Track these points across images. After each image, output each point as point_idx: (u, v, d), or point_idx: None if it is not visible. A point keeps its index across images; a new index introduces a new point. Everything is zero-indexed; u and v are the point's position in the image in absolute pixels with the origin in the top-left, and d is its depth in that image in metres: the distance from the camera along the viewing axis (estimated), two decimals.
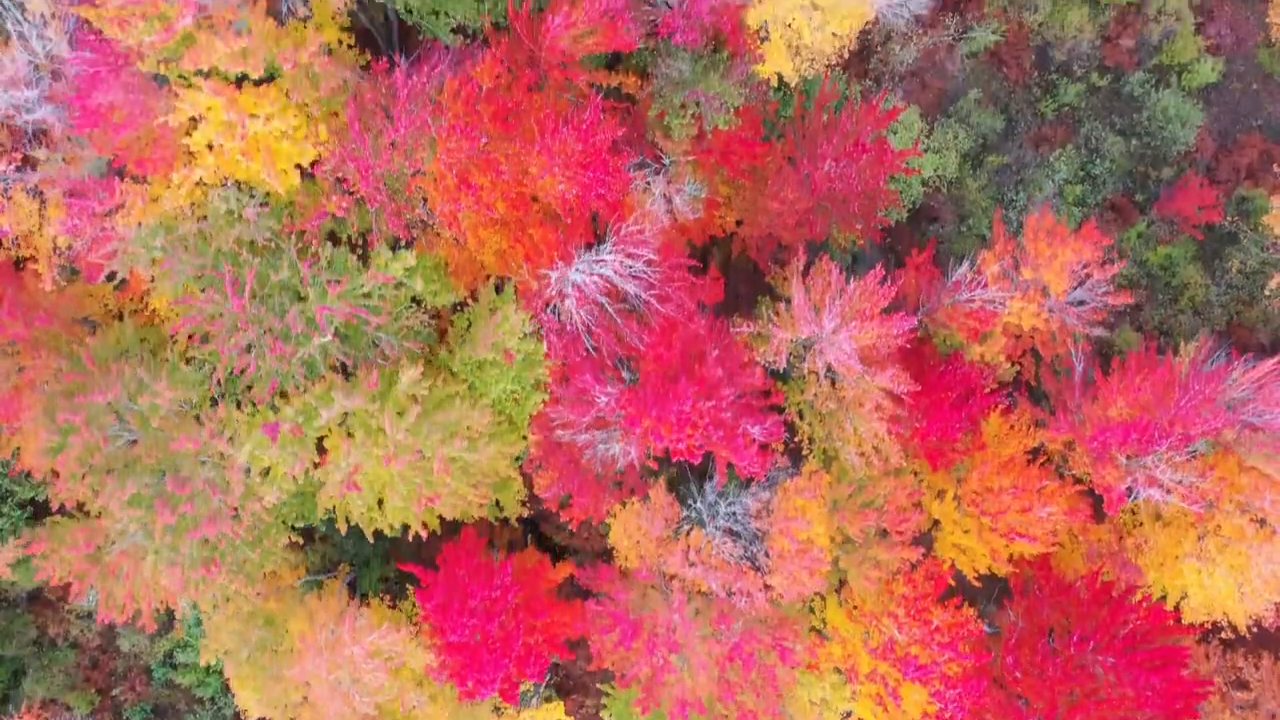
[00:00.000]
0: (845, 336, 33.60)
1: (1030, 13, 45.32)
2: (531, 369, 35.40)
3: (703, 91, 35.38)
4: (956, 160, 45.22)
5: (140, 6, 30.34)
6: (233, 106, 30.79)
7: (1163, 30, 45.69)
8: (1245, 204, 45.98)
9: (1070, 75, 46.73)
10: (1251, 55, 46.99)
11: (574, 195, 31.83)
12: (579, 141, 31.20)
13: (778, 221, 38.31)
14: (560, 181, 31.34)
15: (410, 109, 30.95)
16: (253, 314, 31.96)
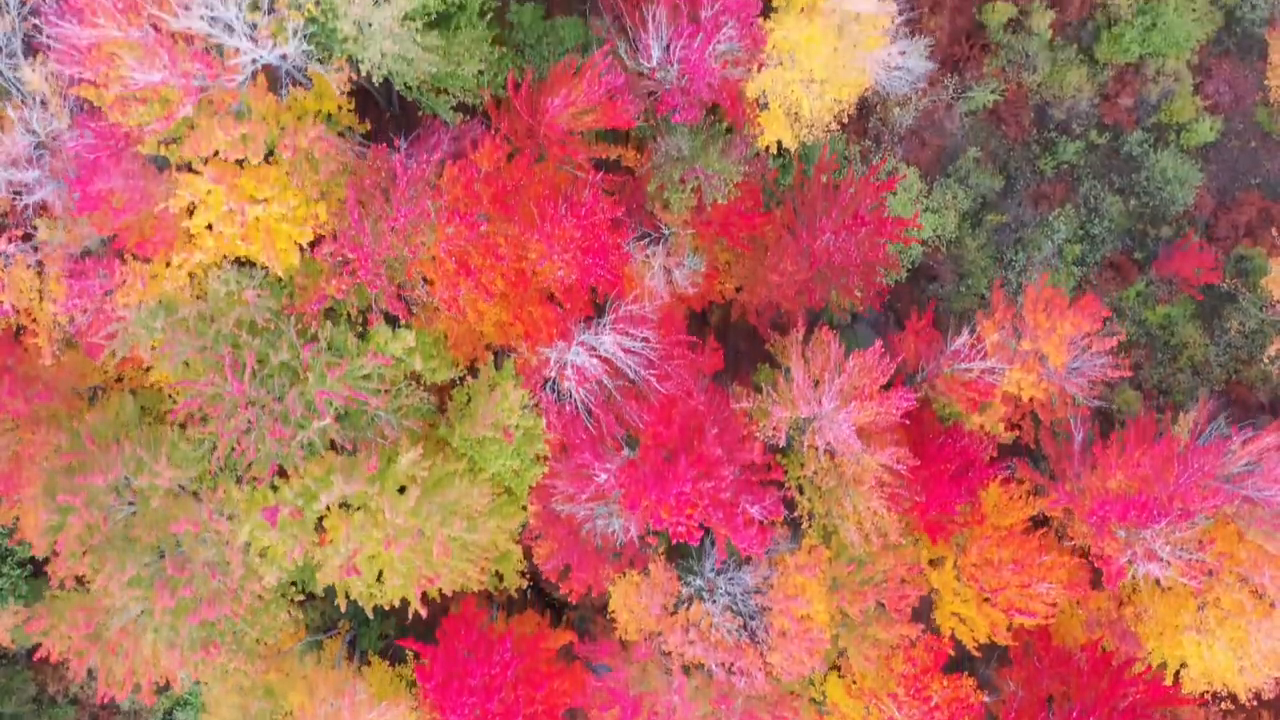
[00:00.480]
0: (844, 417, 33.63)
1: (1029, 73, 45.42)
2: (531, 443, 35.39)
3: (702, 169, 35.46)
4: (955, 219, 45.29)
5: (141, 90, 30.42)
6: (233, 193, 30.82)
7: (1161, 90, 45.79)
8: (1244, 263, 46.03)
9: (1069, 133, 46.82)
10: (1250, 113, 47.08)
11: (574, 279, 31.88)
12: (578, 228, 31.26)
13: (777, 291, 38.36)
14: (560, 268, 31.38)
15: (409, 196, 30.99)
16: (252, 396, 31.99)
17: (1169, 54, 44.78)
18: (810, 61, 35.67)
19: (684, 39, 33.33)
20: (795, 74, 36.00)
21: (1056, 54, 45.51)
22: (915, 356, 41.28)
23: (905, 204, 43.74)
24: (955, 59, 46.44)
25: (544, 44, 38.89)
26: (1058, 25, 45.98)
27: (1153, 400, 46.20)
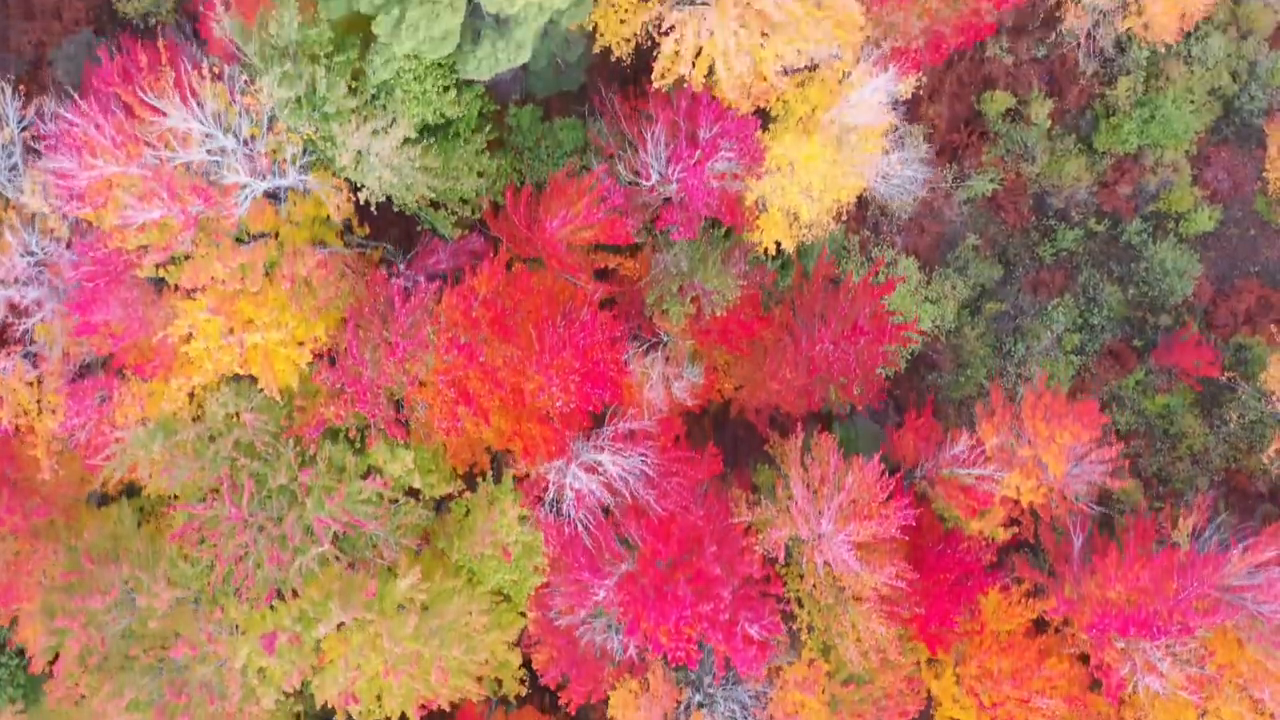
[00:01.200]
0: (843, 539, 33.60)
1: (1028, 163, 45.43)
2: (530, 556, 35.37)
3: (700, 283, 35.46)
4: (954, 308, 45.28)
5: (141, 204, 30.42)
6: (231, 321, 30.81)
7: (1160, 181, 45.82)
8: (1243, 352, 46.02)
9: (1068, 220, 46.84)
10: (1248, 201, 47.08)
11: (572, 407, 31.88)
12: (577, 357, 31.25)
13: (776, 396, 38.36)
14: (558, 398, 31.37)
15: (408, 326, 30.98)
16: (250, 519, 31.97)
17: (1167, 145, 44.80)
18: (809, 174, 35.68)
19: (683, 161, 33.34)
20: (794, 184, 36.00)
21: (1055, 143, 45.53)
22: (914, 452, 41.27)
23: (904, 297, 43.73)
24: (954, 146, 46.47)
25: (542, 147, 38.87)
26: (1056, 113, 46.01)
27: (1152, 489, 46.15)
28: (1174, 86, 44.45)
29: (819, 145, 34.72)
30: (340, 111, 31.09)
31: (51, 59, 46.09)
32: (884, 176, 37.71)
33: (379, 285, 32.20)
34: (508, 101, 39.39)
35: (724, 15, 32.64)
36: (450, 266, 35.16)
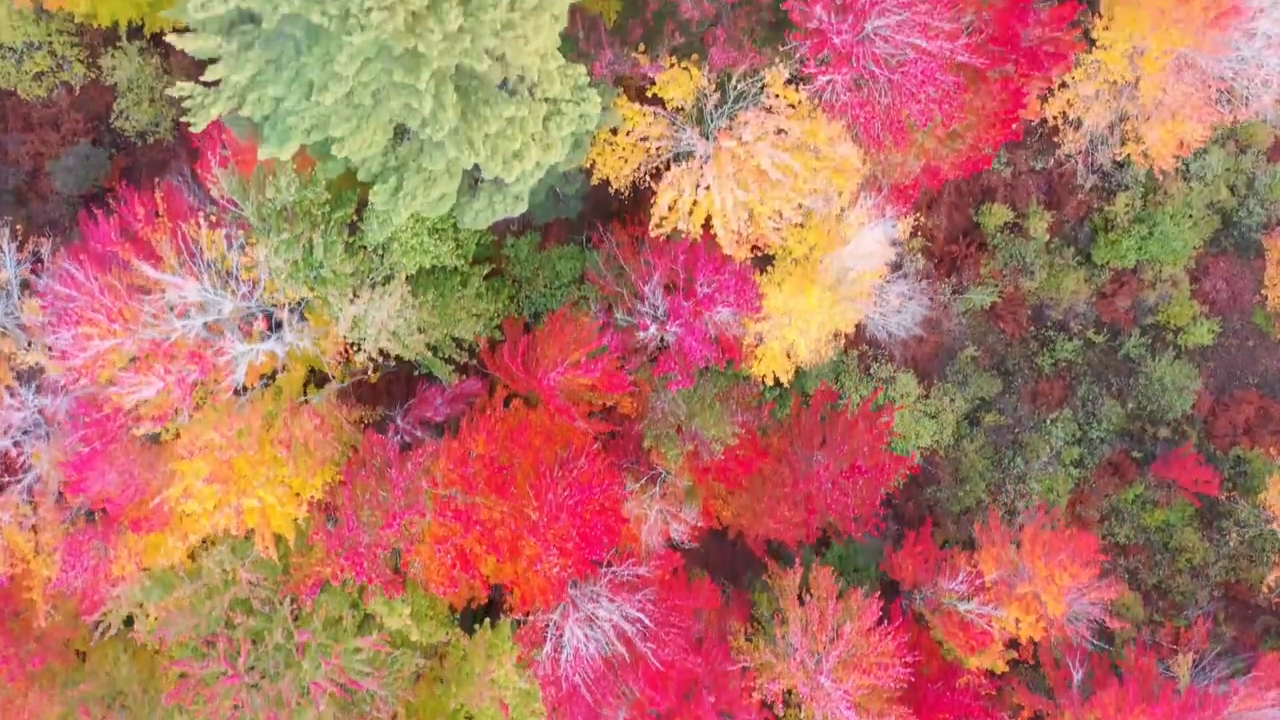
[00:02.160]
0: (842, 696, 33.50)
1: (1026, 278, 45.38)
2: (528, 703, 35.22)
3: (698, 429, 35.38)
4: (953, 422, 45.21)
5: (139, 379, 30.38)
6: (226, 489, 30.75)
7: (1158, 295, 45.79)
8: (1242, 465, 45.96)
9: (1067, 331, 46.78)
10: (1248, 311, 47.04)
11: (570, 572, 31.79)
12: (574, 523, 31.16)
13: (775, 532, 38.27)
14: (556, 566, 31.28)
15: (405, 494, 30.90)
16: (246, 679, 31.86)
17: (1166, 261, 44.76)
18: (807, 317, 35.66)
19: (681, 317, 33.30)
20: (792, 325, 35.97)
21: (1053, 256, 45.49)
22: (913, 575, 41.20)
23: (903, 413, 43.68)
24: (952, 257, 46.43)
25: (540, 278, 38.85)
26: (1055, 225, 45.98)
27: (1152, 602, 46.07)
28: (1172, 202, 44.43)
29: (816, 298, 34.70)
30: (338, 275, 31.06)
31: (49, 170, 46.10)
32: (882, 314, 37.64)
33: (376, 446, 32.10)
34: (505, 231, 39.40)
35: (721, 172, 32.66)
36: (448, 414, 35.10)
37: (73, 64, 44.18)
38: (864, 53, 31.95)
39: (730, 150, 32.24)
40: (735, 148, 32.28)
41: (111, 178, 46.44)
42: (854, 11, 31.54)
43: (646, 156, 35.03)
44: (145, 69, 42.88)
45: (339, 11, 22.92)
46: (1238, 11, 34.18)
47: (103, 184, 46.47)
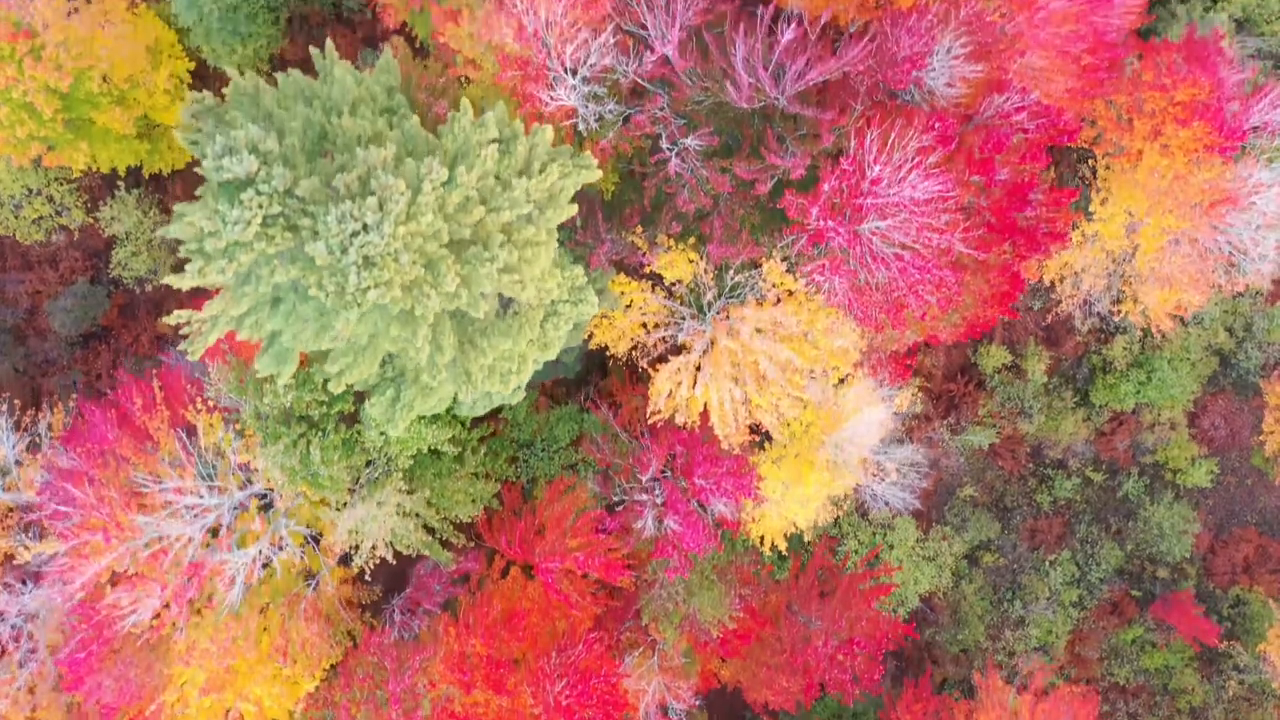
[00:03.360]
0: None
1: (1024, 420, 45.35)
2: None
3: (696, 609, 35.33)
4: (952, 564, 45.15)
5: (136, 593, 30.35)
6: (222, 697, 30.69)
7: (1156, 438, 45.77)
8: (1241, 605, 45.89)
9: (1066, 469, 46.75)
10: (1246, 449, 47.01)
11: None
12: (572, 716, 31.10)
13: (773, 702, 38.19)
14: None
15: (403, 703, 30.81)
16: None
17: (1164, 405, 44.76)
18: (805, 492, 35.64)
19: (679, 513, 33.26)
20: (791, 504, 35.94)
21: (1052, 398, 45.48)
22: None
23: (904, 550, 43.63)
24: (951, 394, 46.41)
25: (538, 441, 38.81)
26: (1053, 364, 45.99)
27: None
28: (1170, 346, 44.44)
29: (815, 481, 34.67)
30: (335, 481, 31.03)
31: (48, 310, 46.11)
32: (881, 485, 37.62)
33: (374, 648, 32.02)
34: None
35: (718, 370, 32.66)
36: (444, 598, 35.06)
37: (71, 210, 44.23)
38: (861, 249, 31.96)
39: (727, 348, 32.24)
40: (732, 345, 32.28)
41: (110, 316, 46.49)
42: (851, 213, 31.55)
43: (644, 332, 35.09)
44: (144, 221, 42.91)
45: (335, 288, 22.91)
46: (1233, 200, 34.22)
47: (101, 322, 46.53)
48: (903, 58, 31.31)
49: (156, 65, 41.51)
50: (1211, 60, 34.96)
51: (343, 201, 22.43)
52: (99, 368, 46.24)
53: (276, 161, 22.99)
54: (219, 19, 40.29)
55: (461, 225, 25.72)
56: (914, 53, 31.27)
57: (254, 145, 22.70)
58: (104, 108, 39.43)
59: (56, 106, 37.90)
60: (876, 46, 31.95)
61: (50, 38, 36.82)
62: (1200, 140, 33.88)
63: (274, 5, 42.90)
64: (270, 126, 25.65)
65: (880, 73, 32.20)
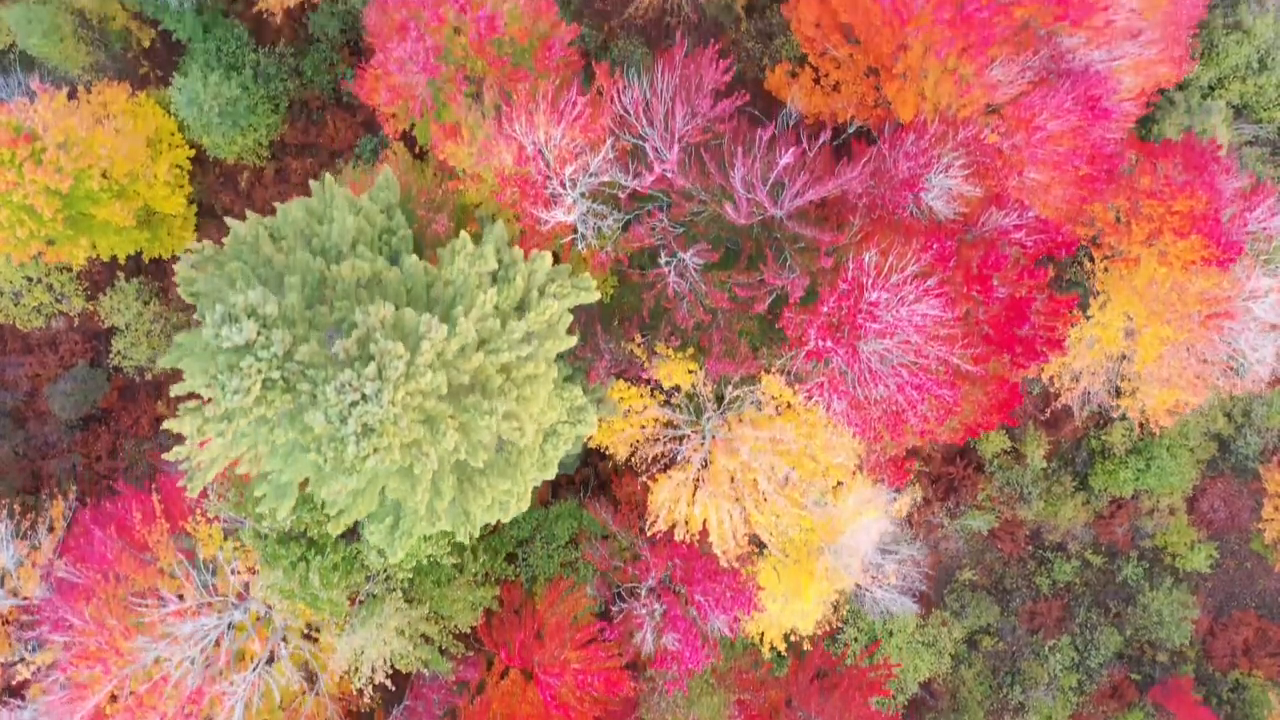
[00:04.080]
0: None
1: (1023, 506, 45.39)
2: None
3: (696, 718, 35.32)
4: (951, 649, 45.15)
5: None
6: None
7: (1155, 523, 45.80)
8: (1241, 690, 45.88)
9: (1065, 552, 46.78)
10: (1245, 532, 47.04)
11: None
12: None
13: None
14: None
15: None
16: None
17: (1163, 492, 44.79)
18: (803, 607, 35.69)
19: (678, 632, 33.28)
20: (790, 613, 35.98)
21: (1051, 483, 45.51)
22: None
23: (903, 638, 43.65)
24: (950, 478, 46.42)
25: (537, 539, 38.84)
26: (1052, 447, 46.02)
27: None
28: (1169, 433, 44.47)
29: (814, 592, 34.71)
30: (335, 604, 31.05)
31: (48, 394, 46.15)
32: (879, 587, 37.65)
33: None
34: None
35: (717, 489, 32.70)
36: (444, 708, 35.06)
37: (71, 298, 44.29)
38: (860, 367, 32.01)
39: (726, 467, 32.28)
40: (731, 464, 32.31)
41: (109, 399, 46.53)
42: (850, 331, 31.59)
43: (643, 435, 35.13)
44: (144, 313, 42.96)
45: (334, 454, 22.94)
46: (1231, 315, 34.27)
47: (101, 405, 46.56)
48: (900, 180, 31.38)
49: (156, 156, 41.65)
50: (1209, 170, 35.02)
51: (342, 370, 22.47)
52: (98, 450, 46.31)
53: (276, 325, 23.04)
54: (219, 114, 40.39)
55: (461, 371, 25.77)
56: (911, 175, 31.34)
57: (253, 309, 22.75)
58: (104, 203, 39.51)
59: (57, 207, 37.99)
60: (875, 168, 32.03)
61: (50, 139, 36.89)
62: (1198, 252, 33.93)
63: (274, 94, 43.03)
64: (270, 273, 25.73)
65: (878, 192, 32.27)
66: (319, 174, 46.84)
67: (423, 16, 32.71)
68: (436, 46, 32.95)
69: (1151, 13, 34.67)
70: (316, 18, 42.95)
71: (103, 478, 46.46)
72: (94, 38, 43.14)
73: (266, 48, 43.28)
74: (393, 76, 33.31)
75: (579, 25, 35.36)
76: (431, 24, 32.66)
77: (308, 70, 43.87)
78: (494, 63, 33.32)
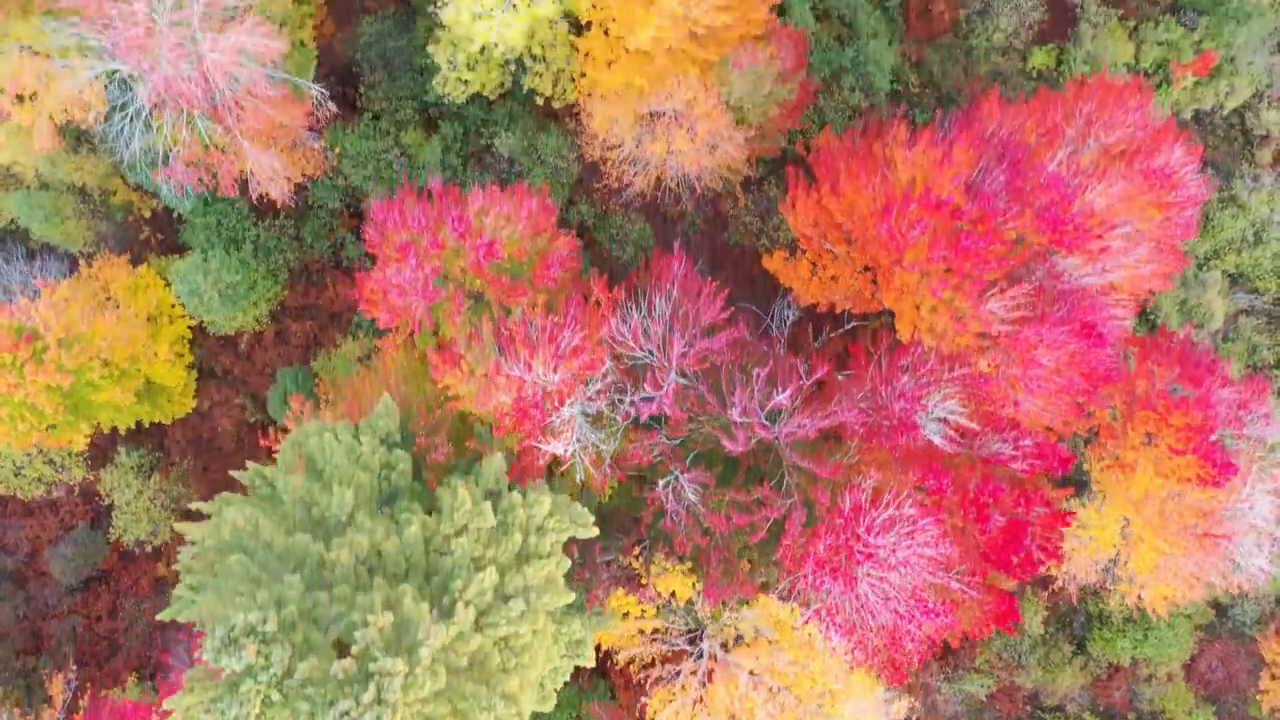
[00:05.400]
0: None
1: (1021, 673, 45.48)
2: None
3: None
4: None
5: None
6: None
7: (1153, 689, 45.89)
8: None
9: (1064, 714, 46.89)
10: (1243, 694, 47.12)
11: None
12: None
13: None
14: None
15: None
16: None
17: (1161, 661, 44.88)
18: None
19: None
20: None
21: (1049, 649, 45.60)
22: None
23: None
24: (946, 641, 46.47)
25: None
26: (1050, 611, 46.12)
27: None
28: None
29: None
30: None
31: (48, 556, 46.29)
32: None
33: None
34: None
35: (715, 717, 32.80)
36: None
37: (72, 469, 44.43)
38: (858, 598, 32.17)
39: (724, 700, 32.41)
40: (728, 693, 32.44)
41: (110, 560, 46.67)
42: (847, 558, 31.74)
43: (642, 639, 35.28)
44: (144, 491, 43.10)
45: None
46: (1228, 537, 34.45)
47: (101, 566, 46.70)
48: (896, 420, 31.56)
49: (157, 334, 41.81)
50: (1205, 383, 35.22)
51: (343, 695, 22.61)
52: (99, 610, 46.44)
53: (276, 639, 23.18)
54: (220, 299, 40.58)
55: (459, 655, 25.90)
56: (906, 414, 31.52)
57: (253, 628, 22.90)
58: (105, 389, 39.70)
59: (58, 402, 38.22)
60: (871, 404, 32.23)
61: (51, 337, 37.09)
62: (1193, 470, 34.08)
63: (274, 267, 43.26)
64: (269, 558, 25.87)
65: (874, 420, 32.43)
66: (319, 336, 47.20)
67: (422, 243, 32.96)
68: (435, 269, 33.21)
69: (1144, 225, 34.89)
70: (316, 189, 43.19)
71: (103, 639, 46.59)
72: (95, 210, 43.35)
73: (267, 220, 43.47)
74: (391, 299, 33.53)
75: (576, 236, 35.56)
76: (430, 252, 32.92)
77: (308, 237, 44.09)
78: (492, 281, 33.58)
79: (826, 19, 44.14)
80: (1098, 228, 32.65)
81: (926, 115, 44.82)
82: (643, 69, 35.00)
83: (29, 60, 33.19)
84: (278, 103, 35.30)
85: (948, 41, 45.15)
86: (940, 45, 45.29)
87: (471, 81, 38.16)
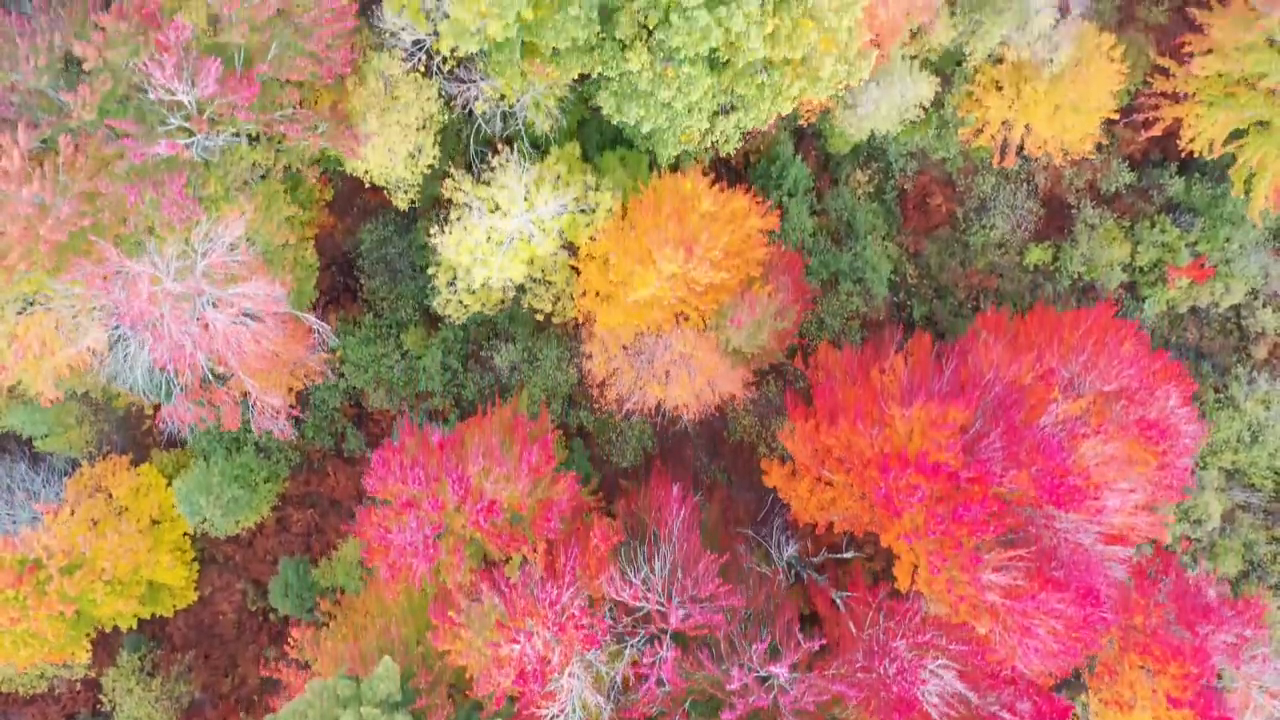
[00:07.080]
0: None
1: None
2: None
3: None
4: None
5: None
6: None
7: None
8: None
9: None
10: None
11: None
12: None
13: None
14: None
15: None
16: None
17: None
18: None
19: None
20: None
21: None
22: None
23: None
24: None
25: None
26: None
27: None
28: None
29: None
30: None
31: None
32: None
33: None
34: None
35: None
36: None
37: (74, 666, 44.56)
38: None
39: None
40: None
41: None
42: None
43: None
44: (145, 697, 43.25)
45: None
46: None
47: None
48: (894, 698, 31.72)
49: (159, 541, 41.92)
50: (1199, 629, 35.39)
51: None
52: None
53: None
54: (222, 513, 40.82)
55: None
56: (904, 692, 31.69)
57: None
58: (108, 603, 39.89)
59: (61, 628, 38.44)
60: (866, 669, 32.40)
61: (54, 565, 37.22)
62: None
63: (275, 466, 43.54)
64: None
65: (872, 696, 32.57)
66: (320, 523, 47.46)
67: (423, 504, 33.19)
68: (436, 527, 33.46)
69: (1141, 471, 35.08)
70: (318, 391, 43.48)
71: None
72: (98, 410, 43.63)
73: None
74: (392, 555, 33.74)
75: (576, 476, 35.75)
76: (432, 514, 33.15)
77: (309, 432, 44.32)
78: (491, 536, 33.80)
79: (825, 214, 44.38)
80: (1093, 490, 32.87)
81: (924, 308, 45.11)
82: (641, 316, 35.28)
83: (35, 320, 33.54)
84: (280, 341, 35.60)
85: (945, 235, 45.43)
86: (938, 238, 45.57)
87: (471, 304, 38.45)
